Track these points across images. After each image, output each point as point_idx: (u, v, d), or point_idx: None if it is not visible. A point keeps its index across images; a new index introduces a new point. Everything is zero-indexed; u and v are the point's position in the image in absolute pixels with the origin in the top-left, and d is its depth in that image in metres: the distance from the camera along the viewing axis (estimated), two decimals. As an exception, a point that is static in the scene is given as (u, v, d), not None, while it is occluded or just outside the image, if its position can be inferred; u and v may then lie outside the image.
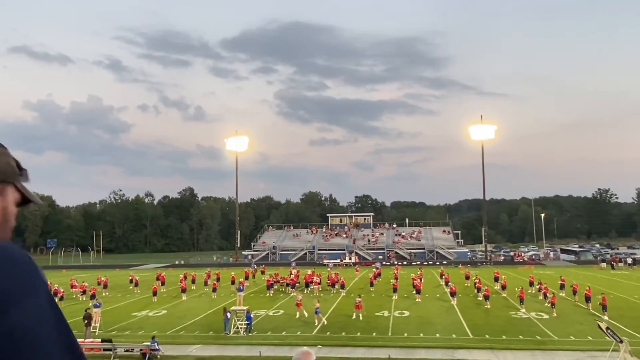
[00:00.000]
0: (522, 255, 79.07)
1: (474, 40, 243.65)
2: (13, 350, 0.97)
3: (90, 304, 30.22)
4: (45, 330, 1.03)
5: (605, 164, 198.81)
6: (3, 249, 1.07)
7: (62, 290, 38.90)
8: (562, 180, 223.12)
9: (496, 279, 41.44)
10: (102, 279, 45.23)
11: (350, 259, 72.55)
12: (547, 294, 33.08)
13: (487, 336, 24.50)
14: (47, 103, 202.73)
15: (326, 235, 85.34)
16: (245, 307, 27.87)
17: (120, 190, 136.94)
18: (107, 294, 40.56)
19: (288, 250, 79.53)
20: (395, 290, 37.14)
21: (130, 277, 46.29)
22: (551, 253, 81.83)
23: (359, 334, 25.42)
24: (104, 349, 22.24)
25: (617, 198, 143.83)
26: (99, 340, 23.41)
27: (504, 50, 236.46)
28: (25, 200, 1.32)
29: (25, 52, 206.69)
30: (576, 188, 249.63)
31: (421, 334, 25.05)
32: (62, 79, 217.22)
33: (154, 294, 37.70)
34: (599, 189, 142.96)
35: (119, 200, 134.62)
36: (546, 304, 31.62)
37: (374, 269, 50.64)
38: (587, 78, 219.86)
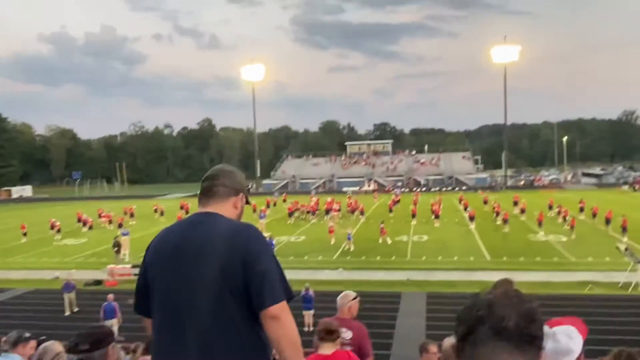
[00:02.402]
0: (542, 179, 78.67)
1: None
2: (265, 282, 1.99)
3: (119, 232, 31.35)
4: (275, 270, 2.04)
5: (632, 85, 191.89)
6: (252, 226, 2.17)
7: (90, 219, 40.31)
8: (587, 103, 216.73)
9: (515, 203, 41.59)
10: (129, 208, 46.59)
11: (369, 186, 73.11)
12: (567, 217, 33.20)
13: (505, 258, 24.96)
14: (61, 35, 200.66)
15: (345, 164, 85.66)
16: (267, 234, 28.67)
17: (140, 122, 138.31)
18: (134, 222, 41.93)
19: (308, 179, 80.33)
20: (414, 215, 37.64)
21: (154, 207, 47.59)
22: (570, 176, 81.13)
23: (378, 257, 26.12)
24: (134, 274, 23.30)
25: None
26: (130, 265, 24.47)
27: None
28: (247, 201, 2.40)
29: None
30: (601, 110, 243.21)
31: (439, 257, 25.63)
32: (74, 9, 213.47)
33: (179, 222, 38.75)
34: (624, 111, 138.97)
35: (139, 132, 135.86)
36: (565, 227, 31.82)
37: (393, 196, 51.11)
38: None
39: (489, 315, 1.17)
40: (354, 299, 5.00)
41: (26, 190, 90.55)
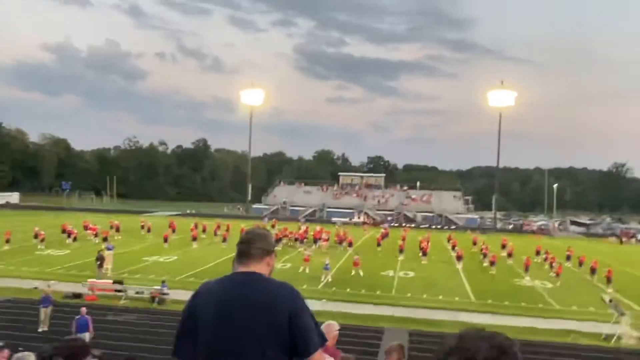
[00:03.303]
0: (532, 224, 78.99)
1: (500, 1, 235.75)
2: (308, 333, 2.42)
3: (103, 246, 30.91)
4: (313, 322, 2.49)
5: (624, 137, 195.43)
6: (291, 285, 2.57)
7: (75, 231, 39.81)
8: (579, 152, 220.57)
9: (503, 246, 41.64)
10: (115, 222, 46.10)
11: (359, 218, 73.04)
12: (553, 264, 33.23)
13: (490, 301, 24.83)
14: (65, 46, 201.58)
15: (337, 194, 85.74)
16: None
17: (135, 137, 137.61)
18: (119, 237, 41.46)
19: (298, 206, 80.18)
20: (401, 251, 37.52)
21: (142, 223, 47.16)
22: (557, 224, 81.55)
23: (363, 291, 25.89)
24: (116, 290, 22.92)
25: (633, 173, 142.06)
26: (111, 281, 24.09)
27: (531, 14, 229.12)
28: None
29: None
30: (592, 160, 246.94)
31: (425, 295, 25.45)
32: (81, 21, 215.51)
33: (165, 240, 38.46)
34: (615, 163, 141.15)
35: (133, 147, 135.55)
36: (551, 274, 31.83)
37: (382, 229, 51.04)
38: (614, 47, 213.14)
39: (457, 347, 1.19)
40: (337, 330, 5.16)
41: (13, 197, 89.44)
